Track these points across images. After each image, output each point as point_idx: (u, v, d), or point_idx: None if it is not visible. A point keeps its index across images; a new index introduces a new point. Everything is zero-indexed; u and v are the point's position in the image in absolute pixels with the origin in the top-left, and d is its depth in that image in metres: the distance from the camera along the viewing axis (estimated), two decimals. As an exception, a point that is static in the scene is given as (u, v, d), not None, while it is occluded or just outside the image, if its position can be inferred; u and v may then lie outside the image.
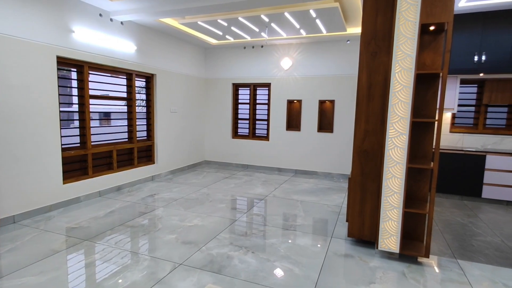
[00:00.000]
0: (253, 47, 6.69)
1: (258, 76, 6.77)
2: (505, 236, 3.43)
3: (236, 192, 5.06)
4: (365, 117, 2.98)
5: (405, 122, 2.63)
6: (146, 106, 5.72)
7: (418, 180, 2.94)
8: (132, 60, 5.07)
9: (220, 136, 7.29)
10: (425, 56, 2.78)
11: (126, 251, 2.90)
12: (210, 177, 6.10)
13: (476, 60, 4.47)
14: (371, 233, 3.04)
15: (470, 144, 5.08)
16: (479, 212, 4.23)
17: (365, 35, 2.89)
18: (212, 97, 7.27)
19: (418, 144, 2.92)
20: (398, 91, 2.63)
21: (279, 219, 3.85)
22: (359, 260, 2.82)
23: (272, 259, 2.79)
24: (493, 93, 4.82)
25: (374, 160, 2.97)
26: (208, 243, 3.10)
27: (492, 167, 4.50)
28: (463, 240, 3.33)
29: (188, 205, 4.30)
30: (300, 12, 4.43)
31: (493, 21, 4.37)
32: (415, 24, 2.50)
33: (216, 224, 3.61)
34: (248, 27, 5.26)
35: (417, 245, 2.89)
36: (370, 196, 3.02)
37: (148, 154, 5.77)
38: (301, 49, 6.33)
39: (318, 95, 6.30)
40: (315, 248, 3.05)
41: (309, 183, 5.77)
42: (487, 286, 2.44)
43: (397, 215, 2.75)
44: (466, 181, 4.67)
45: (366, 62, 2.91)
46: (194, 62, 6.82)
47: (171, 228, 3.48)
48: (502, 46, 4.36)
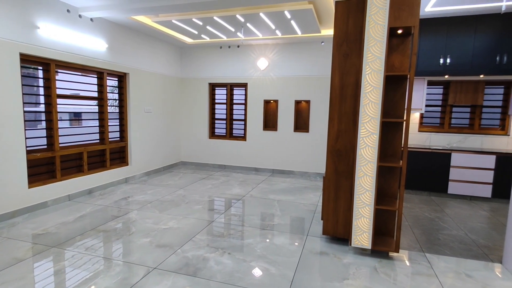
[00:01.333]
0: (229, 47, 6.66)
1: (234, 76, 6.75)
2: (468, 229, 3.64)
3: (213, 193, 5.02)
4: (338, 117, 3.05)
5: (376, 122, 2.72)
6: (119, 106, 5.54)
7: (389, 178, 3.05)
8: (103, 59, 4.90)
9: (197, 137, 7.20)
10: (393, 59, 2.89)
11: (97, 257, 2.80)
12: (187, 178, 6.01)
13: (441, 63, 4.71)
14: (345, 230, 3.12)
15: (437, 142, 5.35)
16: (445, 207, 4.46)
17: (337, 37, 2.96)
18: (189, 97, 7.17)
19: (388, 143, 3.03)
20: (368, 92, 2.71)
21: (256, 219, 3.86)
22: (333, 257, 2.88)
23: (249, 260, 2.79)
24: (457, 94, 5.09)
25: (347, 159, 3.05)
26: (183, 245, 3.06)
27: (457, 164, 4.76)
28: (431, 234, 3.49)
29: (163, 207, 4.21)
30: (275, 13, 4.46)
31: (456, 26, 4.62)
32: (384, 28, 2.59)
33: (192, 226, 3.56)
34: (223, 27, 5.23)
35: (388, 240, 3.00)
36: (344, 194, 3.10)
37: (121, 155, 5.60)
38: (277, 50, 6.38)
39: (294, 96, 6.38)
40: (291, 247, 3.08)
41: (286, 183, 5.83)
42: (452, 277, 2.57)
43: (369, 212, 2.84)
44: (434, 178, 4.91)
45: (338, 63, 2.99)
46: (169, 61, 6.69)
47: (145, 231, 3.39)
48: (464, 50, 4.61)
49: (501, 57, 4.46)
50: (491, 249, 3.12)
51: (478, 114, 5.18)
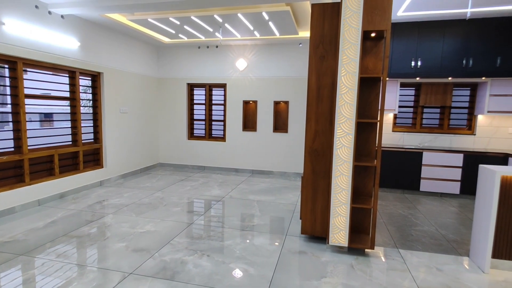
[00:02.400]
0: (207, 47, 6.61)
1: (213, 76, 6.70)
2: (439, 225, 3.81)
3: (192, 194, 4.96)
4: (315, 118, 3.10)
5: (351, 122, 2.79)
6: (93, 107, 5.35)
7: (364, 177, 3.14)
8: (75, 57, 4.71)
9: (175, 138, 7.09)
10: (367, 61, 2.97)
11: (70, 264, 2.68)
12: (165, 180, 5.90)
13: (413, 66, 4.90)
14: (323, 229, 3.18)
15: (410, 142, 5.56)
16: (417, 204, 4.64)
17: (314, 39, 3.01)
18: (166, 97, 7.04)
19: (363, 143, 3.12)
20: (344, 94, 2.77)
21: (235, 220, 3.84)
22: (311, 256, 2.93)
23: (228, 261, 2.78)
24: (428, 95, 5.32)
25: (324, 159, 3.11)
26: (161, 249, 2.99)
27: (428, 162, 4.97)
28: (404, 230, 3.62)
29: (140, 210, 4.11)
30: (253, 14, 4.47)
31: (426, 30, 4.82)
32: (358, 31, 2.67)
33: (170, 229, 3.50)
34: (201, 27, 5.18)
35: (364, 238, 3.08)
36: (321, 194, 3.15)
37: (96, 157, 5.40)
38: (256, 51, 6.40)
39: (273, 96, 6.42)
40: (270, 247, 3.10)
41: (265, 183, 5.85)
42: (423, 272, 2.68)
43: (345, 211, 2.90)
44: (407, 176, 5.10)
45: (315, 65, 3.03)
46: (146, 61, 6.54)
47: (121, 235, 3.29)
48: (434, 53, 4.83)
49: (467, 60, 4.71)
50: (459, 244, 3.28)
51: (447, 115, 5.43)
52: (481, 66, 4.68)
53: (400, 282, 2.50)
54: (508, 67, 4.59)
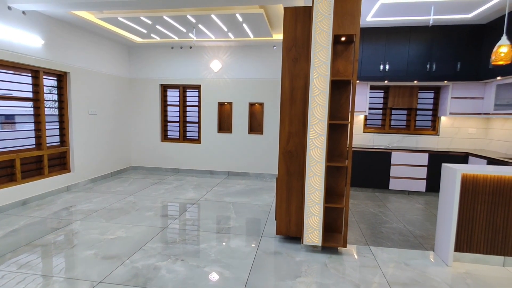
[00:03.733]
0: (181, 48, 6.50)
1: (187, 77, 6.60)
2: (406, 222, 3.99)
3: (166, 198, 4.85)
4: (289, 119, 3.14)
5: (323, 124, 2.85)
6: (59, 108, 5.09)
7: (336, 177, 3.22)
8: (39, 56, 4.46)
9: (148, 140, 6.90)
10: (338, 64, 3.06)
11: (34, 275, 2.53)
12: (137, 183, 5.72)
13: (381, 69, 5.11)
14: (297, 229, 3.22)
15: (380, 142, 5.78)
16: (387, 202, 4.83)
17: (287, 42, 3.05)
18: (138, 98, 6.84)
19: (335, 144, 3.20)
20: (316, 96, 2.83)
21: (211, 223, 3.80)
22: (286, 256, 2.95)
23: (202, 265, 2.74)
24: (395, 98, 5.56)
25: (298, 160, 3.15)
26: (132, 255, 2.90)
27: (396, 162, 5.19)
28: (375, 228, 3.75)
29: (111, 216, 3.96)
30: (227, 16, 4.46)
31: (394, 36, 5.05)
32: (329, 34, 2.74)
33: (142, 234, 3.39)
34: (174, 27, 5.09)
35: (337, 236, 3.16)
36: (296, 194, 3.20)
37: (62, 161, 5.14)
38: (231, 52, 6.39)
39: (248, 98, 6.43)
40: (245, 249, 3.09)
41: (241, 185, 5.84)
42: (393, 267, 2.79)
43: (319, 211, 2.96)
44: (377, 175, 5.29)
45: (288, 67, 3.08)
46: (117, 61, 6.33)
47: (90, 243, 3.15)
48: (401, 58, 5.06)
49: (431, 65, 4.98)
50: (425, 239, 3.45)
51: (414, 116, 5.71)
52: (443, 70, 4.97)
53: (371, 278, 2.59)
54: (467, 72, 4.90)
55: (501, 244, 2.82)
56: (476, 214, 2.81)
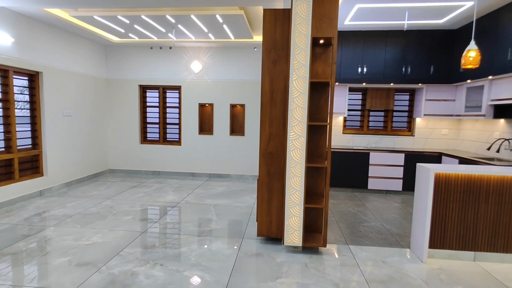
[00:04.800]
0: (160, 48, 6.39)
1: (167, 78, 6.50)
2: (384, 220, 4.09)
3: (145, 201, 4.74)
4: (269, 121, 3.15)
5: (303, 125, 2.88)
6: (31, 109, 4.87)
7: (316, 177, 3.25)
8: (8, 55, 4.25)
9: (127, 142, 6.72)
10: (317, 66, 3.10)
11: (3, 285, 2.39)
12: (115, 187, 5.56)
13: (359, 72, 5.23)
14: (278, 230, 3.23)
15: (358, 143, 5.91)
16: (366, 202, 4.95)
17: (266, 44, 3.06)
18: (117, 99, 6.65)
19: (315, 145, 3.23)
20: (296, 97, 2.86)
21: (191, 226, 3.75)
22: (267, 258, 2.95)
23: (182, 269, 2.69)
24: (373, 100, 5.71)
25: (278, 161, 3.17)
26: (109, 261, 2.80)
27: (374, 162, 5.33)
28: (354, 227, 3.83)
29: (86, 221, 3.82)
30: (207, 16, 4.43)
31: (371, 39, 5.19)
32: (307, 37, 2.77)
33: (120, 239, 3.30)
34: (153, 27, 5.00)
35: (317, 236, 3.19)
36: (276, 196, 3.21)
37: (34, 165, 4.91)
38: (211, 53, 6.34)
39: (229, 99, 6.41)
40: (226, 251, 3.07)
41: (222, 186, 5.80)
42: (371, 265, 2.85)
43: (299, 211, 2.98)
44: (356, 175, 5.40)
45: (268, 69, 3.09)
46: (93, 60, 6.13)
47: (63, 249, 3.02)
48: (377, 61, 5.21)
49: (406, 68, 5.15)
50: (402, 237, 3.55)
51: (390, 118, 5.88)
52: (417, 73, 5.15)
53: (350, 277, 2.63)
54: (440, 75, 5.11)
55: (472, 240, 2.94)
56: (448, 212, 2.93)
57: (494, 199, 2.88)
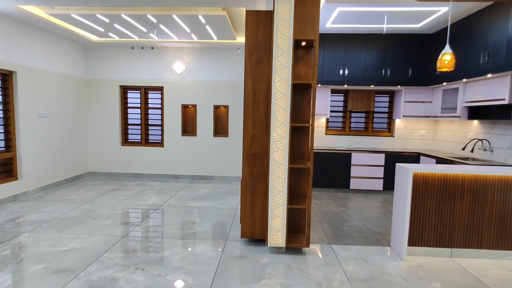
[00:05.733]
0: (142, 48, 6.28)
1: (149, 78, 6.39)
2: (365, 220, 4.17)
3: (126, 204, 4.63)
4: (252, 122, 3.15)
5: (286, 126, 2.90)
6: (3, 110, 4.66)
7: (299, 178, 3.28)
8: (-21, 53, 4.06)
9: (107, 144, 6.55)
10: (299, 68, 3.13)
11: (-32, 296, 2.27)
12: (95, 190, 5.40)
13: (341, 74, 5.33)
14: (262, 232, 3.23)
15: (341, 144, 6.01)
16: (348, 201, 5.03)
17: (249, 45, 3.06)
18: (96, 100, 6.47)
19: (297, 146, 3.26)
20: (278, 99, 2.88)
21: (174, 229, 3.69)
22: (251, 259, 2.95)
23: (164, 273, 2.65)
24: (354, 101, 5.83)
25: (262, 162, 3.17)
26: (88, 267, 2.72)
27: (356, 162, 5.43)
28: (336, 227, 3.88)
29: (64, 226, 3.69)
30: (189, 17, 4.39)
31: (352, 42, 5.30)
32: (289, 39, 2.79)
33: (99, 244, 3.20)
34: (134, 26, 4.90)
35: (300, 237, 3.22)
36: (260, 197, 3.21)
37: (8, 168, 4.70)
38: (194, 54, 6.29)
39: (212, 100, 6.37)
40: (210, 254, 3.04)
41: (206, 188, 5.75)
42: (353, 264, 2.90)
43: (282, 212, 3.00)
44: (339, 176, 5.49)
45: (250, 70, 3.09)
46: (71, 60, 5.94)
47: (39, 256, 2.90)
48: (358, 63, 5.32)
49: (385, 70, 5.29)
50: (382, 235, 3.63)
51: (371, 119, 6.02)
52: (396, 76, 5.30)
53: (333, 276, 2.66)
54: (418, 77, 5.28)
55: (448, 237, 3.05)
56: (426, 210, 3.02)
57: (469, 197, 2.99)
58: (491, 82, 3.91)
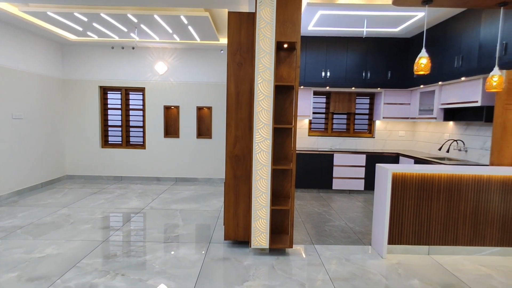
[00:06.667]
0: (122, 48, 6.14)
1: (130, 79, 6.25)
2: (347, 219, 4.25)
3: (107, 208, 4.50)
4: (235, 123, 3.14)
5: (268, 128, 2.91)
6: (-27, 111, 4.44)
7: (282, 179, 3.30)
8: None
9: (86, 146, 6.36)
10: (282, 70, 3.15)
11: None
12: (73, 194, 5.23)
13: (323, 76, 5.41)
14: (245, 233, 3.23)
15: (323, 145, 6.10)
16: (330, 202, 5.11)
17: (231, 46, 3.06)
18: (74, 101, 6.27)
19: (280, 147, 3.28)
20: (261, 100, 2.88)
21: (156, 233, 3.62)
22: (234, 261, 2.93)
23: (145, 278, 2.59)
24: (336, 103, 5.93)
25: (245, 164, 3.17)
26: (65, 274, 2.62)
27: (338, 163, 5.52)
28: (319, 227, 3.93)
29: (40, 231, 3.55)
30: (171, 17, 4.33)
31: (333, 45, 5.39)
32: (272, 41, 2.81)
33: (77, 250, 3.10)
34: (114, 26, 4.79)
35: (284, 237, 3.23)
36: (243, 198, 3.20)
37: (-21, 172, 4.48)
38: (176, 54, 6.21)
39: (196, 102, 6.31)
40: (192, 257, 3.00)
41: (189, 191, 5.69)
42: (335, 264, 2.94)
43: (265, 213, 3.00)
44: (321, 176, 5.56)
45: (233, 71, 3.09)
46: (47, 59, 5.73)
47: (12, 264, 2.78)
48: (340, 66, 5.42)
49: (366, 73, 5.41)
50: (364, 234, 3.71)
51: (352, 120, 6.14)
52: (376, 78, 5.43)
53: (315, 276, 2.69)
54: (397, 80, 5.43)
55: (426, 234, 3.15)
56: (405, 209, 3.11)
57: (445, 196, 3.10)
58: (465, 85, 4.08)
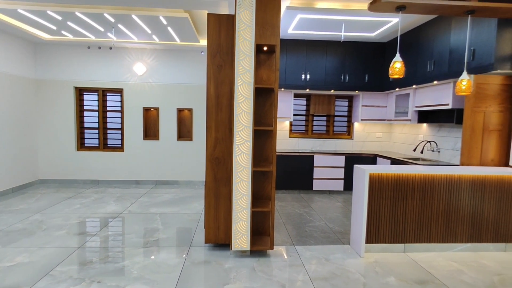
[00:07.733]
0: (99, 48, 5.97)
1: (107, 80, 6.09)
2: (327, 220, 4.32)
3: (82, 213, 4.35)
4: (215, 125, 3.13)
5: (249, 130, 2.92)
6: None
7: (263, 181, 3.31)
8: None
9: (61, 149, 6.12)
10: (262, 72, 3.17)
11: None
12: (46, 199, 5.02)
13: (303, 78, 5.49)
14: (226, 236, 3.21)
15: (304, 147, 6.18)
16: (311, 203, 5.17)
17: (211, 48, 3.05)
18: (48, 102, 6.03)
19: (261, 149, 3.29)
20: (241, 102, 2.89)
21: (135, 237, 3.54)
22: (215, 264, 2.91)
23: (123, 284, 2.52)
24: (316, 105, 6.03)
25: (225, 166, 3.16)
26: (36, 283, 2.51)
27: (318, 164, 5.61)
28: (300, 228, 3.97)
29: (10, 239, 3.38)
30: (150, 17, 4.27)
31: (313, 48, 5.48)
32: (251, 43, 2.82)
33: (50, 257, 2.97)
34: (90, 25, 4.65)
35: (265, 239, 3.24)
36: (224, 201, 3.19)
37: None
38: (156, 55, 6.11)
39: (176, 103, 6.23)
40: (172, 261, 2.95)
41: (170, 194, 5.60)
42: (315, 264, 2.98)
43: (246, 215, 3.00)
44: (302, 178, 5.63)
45: (213, 73, 3.08)
46: (18, 59, 5.49)
47: (-22, 274, 2.63)
48: (319, 69, 5.52)
49: (344, 76, 5.54)
50: (343, 234, 3.78)
51: (332, 122, 6.26)
52: (354, 81, 5.57)
53: (296, 277, 2.72)
54: (373, 83, 5.59)
55: (401, 233, 3.25)
56: (381, 208, 3.20)
57: (419, 195, 3.22)
58: (437, 88, 4.26)
